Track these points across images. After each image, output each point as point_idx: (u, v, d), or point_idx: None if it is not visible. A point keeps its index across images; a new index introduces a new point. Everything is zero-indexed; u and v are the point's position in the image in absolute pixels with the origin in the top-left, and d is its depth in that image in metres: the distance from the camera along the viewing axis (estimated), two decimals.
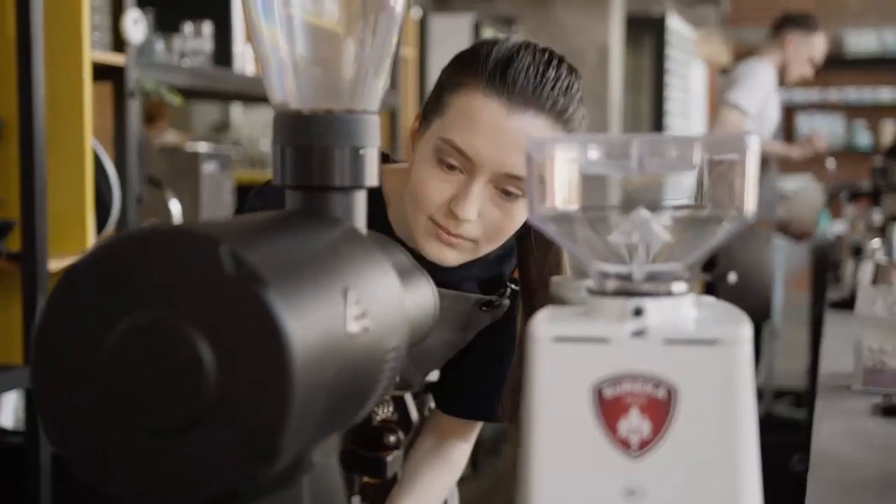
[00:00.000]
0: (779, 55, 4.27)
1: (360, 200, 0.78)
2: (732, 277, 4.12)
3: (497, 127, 1.18)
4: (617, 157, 0.69)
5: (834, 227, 6.06)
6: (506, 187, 1.20)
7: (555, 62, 1.21)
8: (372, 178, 0.78)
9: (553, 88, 1.19)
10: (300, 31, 0.77)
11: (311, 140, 0.76)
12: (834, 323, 2.69)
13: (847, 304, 2.71)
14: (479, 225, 1.22)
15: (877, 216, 4.49)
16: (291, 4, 0.77)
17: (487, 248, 1.24)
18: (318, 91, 0.78)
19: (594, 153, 0.68)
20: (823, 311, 3.09)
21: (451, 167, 1.20)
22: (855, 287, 2.92)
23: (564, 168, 0.68)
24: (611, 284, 0.68)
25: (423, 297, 0.82)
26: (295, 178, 0.77)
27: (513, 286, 1.39)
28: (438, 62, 4.67)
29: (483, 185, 1.20)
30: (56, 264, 2.35)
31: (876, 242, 2.98)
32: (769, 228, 4.39)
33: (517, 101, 1.18)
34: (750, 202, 0.67)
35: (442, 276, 1.34)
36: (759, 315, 4.32)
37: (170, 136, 4.67)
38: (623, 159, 0.68)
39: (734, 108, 4.08)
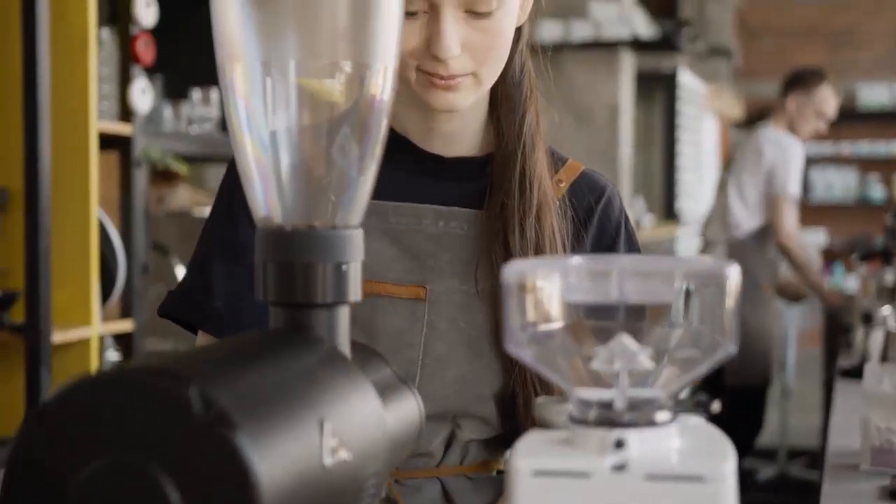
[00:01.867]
0: (785, 117, 4.28)
1: (344, 317, 0.77)
2: (716, 406, 4.12)
3: None
4: (598, 281, 0.68)
5: (847, 283, 6.03)
6: (475, 8, 1.11)
7: None
8: (356, 293, 0.77)
9: None
10: (285, 146, 0.77)
11: (293, 257, 0.75)
12: (844, 393, 2.66)
13: (857, 372, 2.68)
14: (468, 56, 1.12)
15: (889, 276, 4.46)
16: (277, 120, 0.77)
17: (491, 74, 1.16)
18: (302, 206, 0.78)
19: (574, 279, 0.67)
20: (834, 377, 3.06)
21: (413, 13, 1.11)
22: (866, 354, 2.90)
23: (544, 294, 0.68)
24: (592, 413, 0.67)
25: (406, 411, 0.80)
26: (277, 294, 0.76)
27: None
28: None
29: (452, 16, 1.10)
30: (60, 336, 2.34)
31: (886, 309, 2.95)
32: (772, 290, 4.37)
33: None
34: (731, 333, 0.66)
35: (451, 170, 1.23)
36: (762, 378, 4.28)
37: (183, 193, 4.68)
38: (605, 282, 0.67)
39: (790, 200, 4.10)
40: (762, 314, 4.17)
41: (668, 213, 6.86)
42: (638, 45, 5.31)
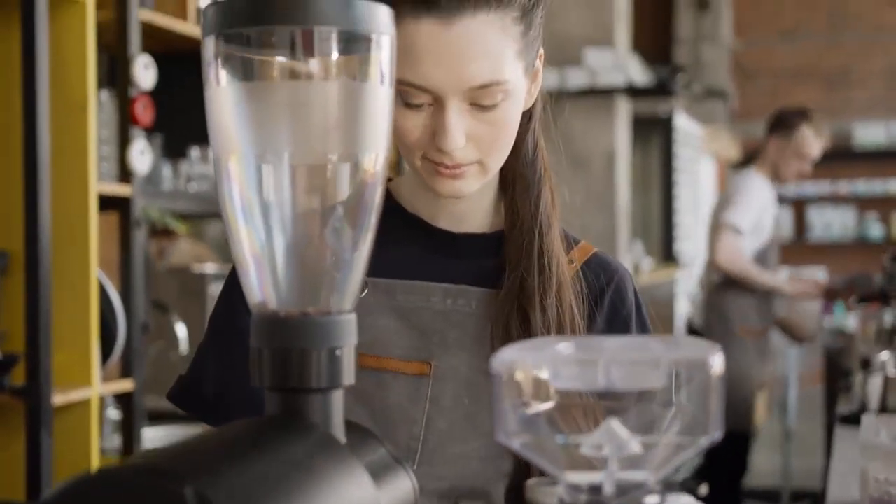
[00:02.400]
0: (768, 160, 4.32)
1: (338, 400, 0.78)
2: (704, 490, 4.12)
3: (438, 45, 1.08)
4: (586, 368, 0.69)
5: (847, 321, 6.02)
6: (480, 102, 1.11)
7: None
8: (349, 376, 0.79)
9: None
10: (279, 235, 0.78)
11: (288, 343, 0.77)
12: (843, 439, 2.67)
13: (857, 418, 2.68)
14: (473, 146, 1.13)
15: (888, 318, 4.47)
16: (271, 209, 0.79)
17: (496, 162, 1.16)
18: (297, 293, 0.79)
19: (562, 367, 0.69)
20: (834, 422, 3.07)
21: (418, 105, 1.11)
22: (865, 400, 2.90)
23: (533, 382, 0.69)
24: (582, 498, 0.68)
25: (400, 491, 0.82)
26: (272, 380, 0.77)
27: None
28: None
29: (457, 109, 1.10)
30: (61, 398, 2.35)
31: (885, 355, 2.96)
32: (758, 336, 4.34)
33: (448, 10, 1.09)
34: (717, 419, 0.67)
35: (461, 246, 1.23)
36: (743, 424, 4.24)
37: (184, 246, 4.70)
38: (592, 369, 0.69)
39: (729, 228, 4.10)
40: (737, 359, 4.14)
41: (667, 255, 6.88)
42: (633, 91, 5.35)
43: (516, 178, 1.24)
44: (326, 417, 0.77)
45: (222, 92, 0.77)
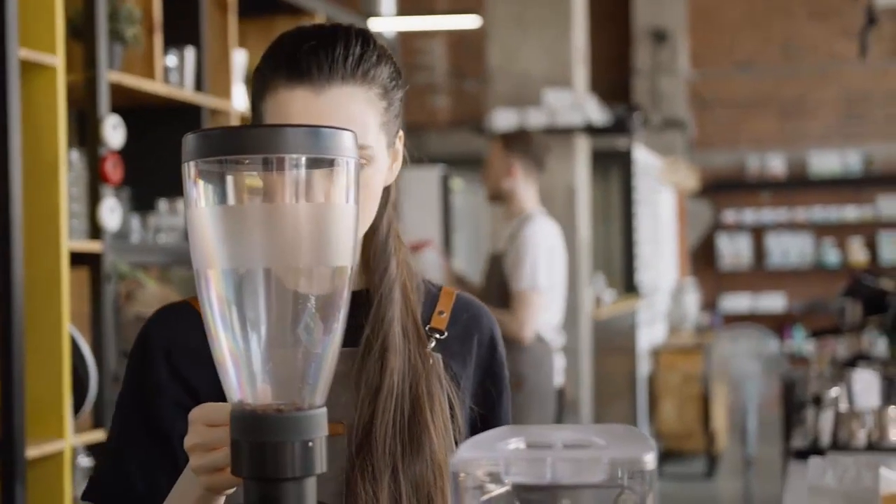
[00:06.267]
0: None
1: (311, 487, 0.86)
2: None
3: (310, 111, 1.18)
4: (535, 465, 0.77)
5: (807, 346, 6.13)
6: None
7: (343, 34, 1.22)
8: (321, 465, 0.87)
9: (347, 59, 1.20)
10: (256, 341, 0.86)
11: (264, 437, 0.85)
12: (796, 474, 2.75)
13: (809, 453, 2.76)
14: None
15: (841, 350, 4.58)
16: (247, 315, 0.87)
17: (360, 225, 1.17)
18: (272, 391, 0.87)
19: (514, 465, 0.77)
20: (788, 455, 3.15)
21: None
22: (817, 436, 2.99)
23: (487, 478, 0.77)
24: None
25: None
26: (251, 470, 0.85)
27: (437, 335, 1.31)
28: (410, 216, 4.83)
29: None
30: (35, 451, 2.40)
31: (835, 391, 3.05)
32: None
33: (319, 81, 1.19)
34: None
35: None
36: None
37: (151, 288, 4.72)
38: (540, 466, 0.77)
39: None
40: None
41: (629, 286, 6.99)
42: (592, 129, 5.46)
43: (376, 262, 1.29)
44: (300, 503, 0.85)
45: (201, 212, 0.85)
